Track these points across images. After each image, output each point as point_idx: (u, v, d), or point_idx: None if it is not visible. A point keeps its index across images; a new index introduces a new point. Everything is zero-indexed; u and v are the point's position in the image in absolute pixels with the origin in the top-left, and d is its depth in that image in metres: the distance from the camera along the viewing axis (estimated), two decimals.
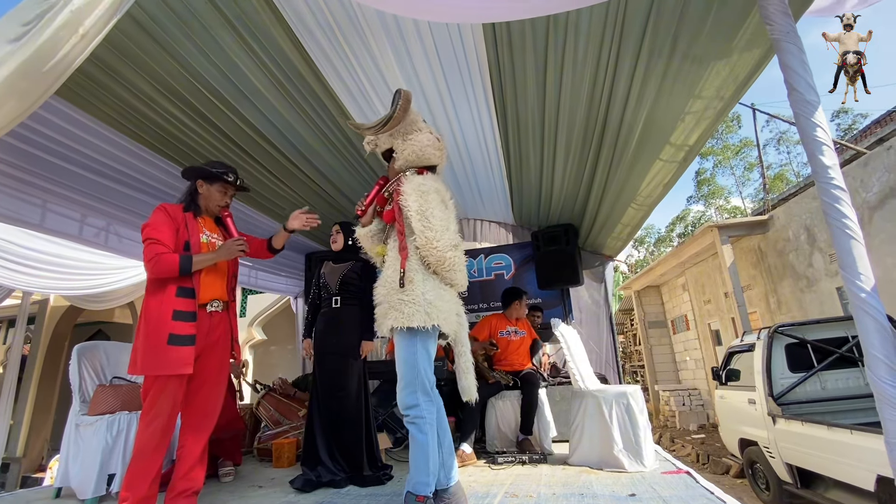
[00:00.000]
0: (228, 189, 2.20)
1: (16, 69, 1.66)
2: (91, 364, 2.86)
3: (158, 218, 2.00)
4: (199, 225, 2.11)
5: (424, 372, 1.78)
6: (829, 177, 1.10)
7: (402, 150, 1.95)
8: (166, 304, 1.92)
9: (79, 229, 2.95)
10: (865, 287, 1.07)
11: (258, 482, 2.65)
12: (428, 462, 1.71)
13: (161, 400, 1.89)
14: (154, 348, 1.86)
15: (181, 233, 2.02)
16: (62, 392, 7.92)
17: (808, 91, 1.18)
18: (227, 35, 2.14)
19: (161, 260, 1.90)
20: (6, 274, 4.38)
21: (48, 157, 2.47)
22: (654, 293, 13.44)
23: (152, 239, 1.94)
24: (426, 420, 1.74)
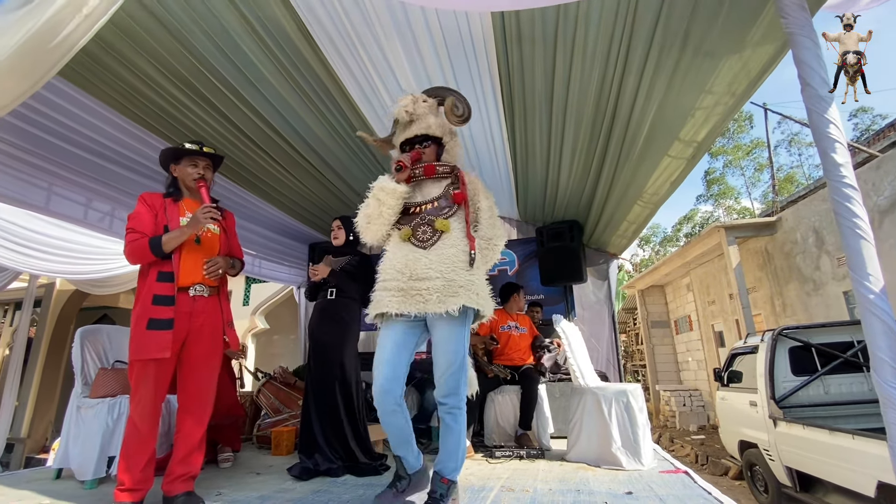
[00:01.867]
0: (197, 160, 2.15)
1: (18, 48, 1.66)
2: (94, 347, 2.88)
3: (137, 208, 2.02)
4: (179, 208, 2.09)
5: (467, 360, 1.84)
6: (841, 175, 1.07)
7: (452, 147, 2.01)
8: (148, 289, 1.94)
9: (84, 213, 2.96)
10: (874, 288, 1.04)
11: (256, 469, 2.66)
12: (459, 451, 1.77)
13: (143, 384, 1.90)
14: (136, 333, 1.88)
15: (160, 217, 2.02)
16: (66, 374, 8.01)
17: (822, 87, 1.14)
18: (234, 19, 2.12)
19: (134, 246, 1.94)
20: (13, 256, 4.41)
21: (53, 139, 2.47)
22: (658, 293, 13.38)
23: (129, 228, 1.98)
24: (462, 410, 1.78)
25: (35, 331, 7.80)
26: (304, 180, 3.66)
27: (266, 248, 4.58)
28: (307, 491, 2.15)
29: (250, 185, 3.62)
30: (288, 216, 4.27)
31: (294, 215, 4.30)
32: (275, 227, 4.51)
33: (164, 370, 1.93)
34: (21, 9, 1.68)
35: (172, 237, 1.96)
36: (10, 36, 1.63)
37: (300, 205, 4.13)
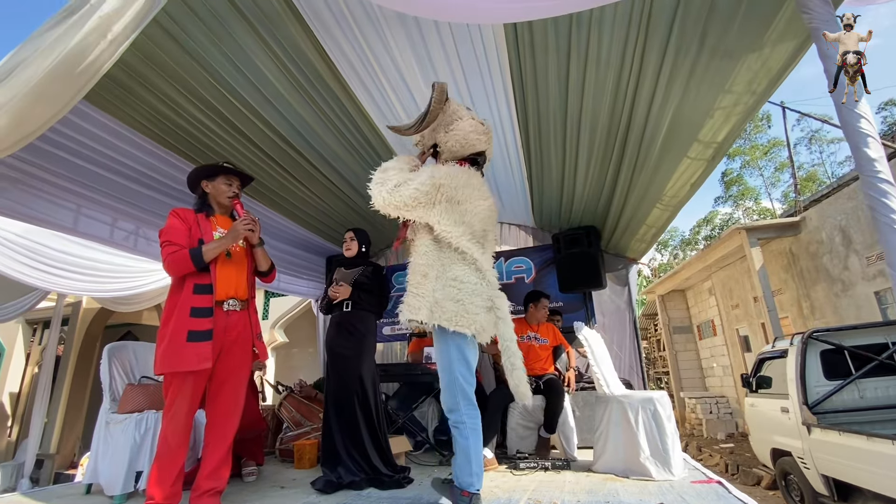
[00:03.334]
0: (232, 179, 2.25)
1: (47, 73, 1.72)
2: (121, 363, 2.93)
3: (171, 222, 2.07)
4: (211, 223, 2.16)
5: (462, 377, 1.78)
6: (876, 170, 1.03)
7: (445, 143, 1.93)
8: (184, 302, 1.97)
9: (110, 233, 3.04)
10: None
11: (280, 482, 2.66)
12: (470, 464, 1.74)
13: (180, 397, 1.92)
14: (174, 345, 1.89)
15: (194, 232, 2.08)
16: (94, 391, 8.18)
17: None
18: (251, 40, 2.17)
19: (174, 257, 1.97)
20: (42, 276, 4.55)
21: (81, 161, 2.55)
22: (679, 297, 13.12)
23: (166, 241, 2.02)
24: (466, 425, 1.76)
25: (63, 348, 8.01)
26: (320, 194, 3.71)
27: (284, 262, 4.64)
28: (333, 502, 2.13)
29: (269, 201, 3.68)
30: (305, 230, 4.33)
31: (311, 229, 4.35)
32: (293, 242, 4.56)
33: (200, 383, 1.96)
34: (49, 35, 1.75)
35: (212, 247, 2.01)
36: (39, 63, 1.70)
37: (317, 218, 4.18)
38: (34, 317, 8.27)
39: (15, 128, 1.78)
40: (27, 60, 1.73)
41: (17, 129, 1.78)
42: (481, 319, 1.78)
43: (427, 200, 1.81)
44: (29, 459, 5.61)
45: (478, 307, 1.78)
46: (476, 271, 1.82)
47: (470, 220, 1.84)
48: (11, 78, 1.74)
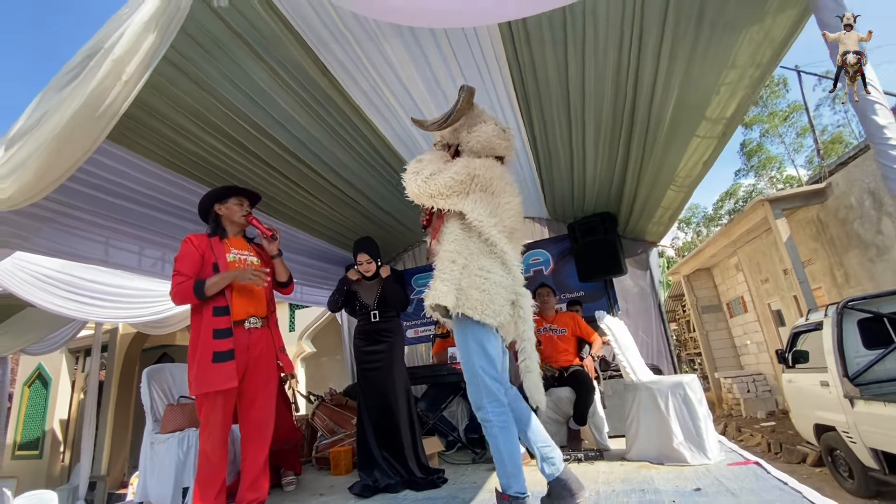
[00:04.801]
0: (242, 200, 2.35)
1: (69, 119, 1.81)
2: (159, 385, 3.07)
3: (183, 250, 2.17)
4: (225, 246, 2.24)
5: (483, 370, 1.72)
6: (886, 137, 1.01)
7: (467, 143, 1.93)
8: (206, 325, 2.05)
9: (138, 261, 3.17)
10: None
11: (319, 490, 2.74)
12: (504, 464, 1.70)
13: (213, 415, 2.01)
14: (202, 367, 1.99)
15: (207, 257, 2.16)
16: (136, 412, 8.51)
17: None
18: (255, 65, 2.24)
19: (179, 288, 2.08)
20: (79, 307, 4.77)
21: (106, 196, 2.67)
22: (705, 276, 12.81)
23: (176, 271, 2.12)
24: (493, 423, 1.71)
25: (104, 374, 8.35)
26: (333, 205, 3.78)
27: (306, 275, 4.74)
28: None
29: (286, 217, 3.77)
30: (322, 241, 4.41)
31: (328, 240, 4.44)
32: (312, 254, 4.66)
33: (230, 400, 2.04)
34: (69, 85, 1.84)
35: (213, 283, 2.08)
36: (62, 111, 1.79)
37: (332, 229, 4.26)
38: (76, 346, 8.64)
39: (46, 173, 1.89)
40: (52, 109, 1.84)
41: (47, 174, 1.89)
42: (506, 313, 1.75)
43: (461, 189, 1.81)
44: (83, 482, 5.88)
45: (504, 300, 1.75)
46: (502, 265, 1.78)
47: (501, 214, 1.82)
48: (39, 127, 1.85)
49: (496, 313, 1.71)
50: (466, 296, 1.70)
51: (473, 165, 1.83)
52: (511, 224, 1.88)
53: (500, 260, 1.78)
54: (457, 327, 1.79)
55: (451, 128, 1.95)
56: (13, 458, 8.68)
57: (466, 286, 1.72)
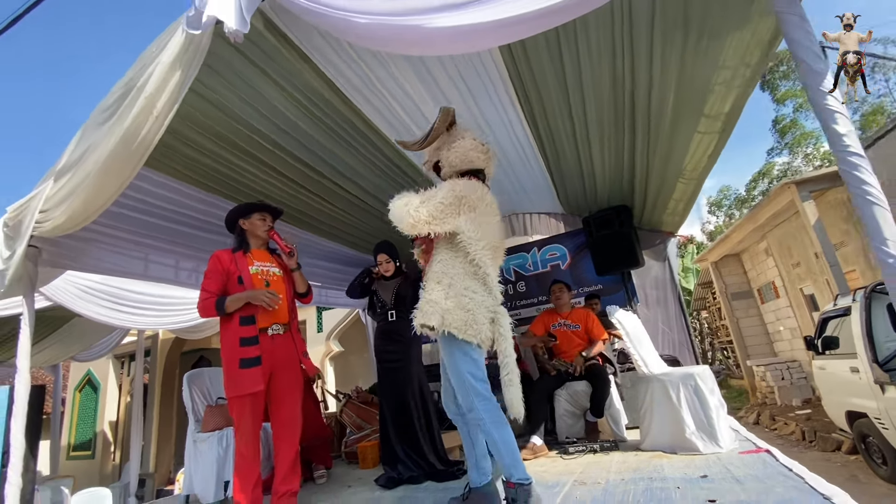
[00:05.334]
0: (265, 214, 2.51)
1: (111, 153, 2.01)
2: (199, 388, 3.30)
3: (209, 267, 2.36)
4: (248, 259, 2.41)
5: (472, 376, 1.85)
6: (845, 144, 1.06)
7: (446, 158, 2.06)
8: (233, 333, 2.23)
9: (175, 274, 3.41)
10: (893, 252, 1.03)
11: (348, 482, 2.91)
12: (503, 455, 1.80)
13: (243, 416, 2.19)
14: (230, 373, 2.17)
15: (232, 270, 2.34)
16: (179, 412, 8.98)
17: (816, 61, 1.13)
18: (275, 91, 2.40)
19: (204, 304, 2.28)
20: (122, 316, 5.11)
21: (143, 216, 2.90)
22: (734, 262, 12.49)
23: (202, 288, 2.31)
24: (486, 420, 1.82)
25: (148, 377, 8.84)
26: (350, 211, 3.94)
27: (329, 279, 4.94)
28: (394, 498, 2.35)
29: (307, 226, 3.96)
30: (342, 246, 4.59)
31: (347, 244, 4.62)
32: (333, 258, 4.85)
33: (258, 402, 2.22)
34: (106, 122, 2.05)
35: (232, 301, 2.26)
36: (103, 147, 2.00)
37: (351, 234, 4.42)
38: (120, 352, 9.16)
39: (92, 202, 2.10)
40: (93, 145, 2.04)
41: (93, 202, 2.11)
42: (486, 330, 1.87)
43: (452, 211, 1.91)
44: (133, 480, 6.29)
45: (484, 318, 1.86)
46: (483, 285, 1.90)
47: (486, 233, 1.93)
48: (83, 161, 2.06)
49: (478, 332, 1.83)
50: (452, 315, 1.82)
51: (458, 188, 1.93)
52: (494, 243, 1.99)
53: (482, 281, 1.90)
54: (443, 343, 1.90)
55: (432, 146, 2.08)
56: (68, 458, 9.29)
57: (453, 306, 1.83)
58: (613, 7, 1.83)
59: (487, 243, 1.93)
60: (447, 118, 2.02)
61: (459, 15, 1.37)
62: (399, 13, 1.44)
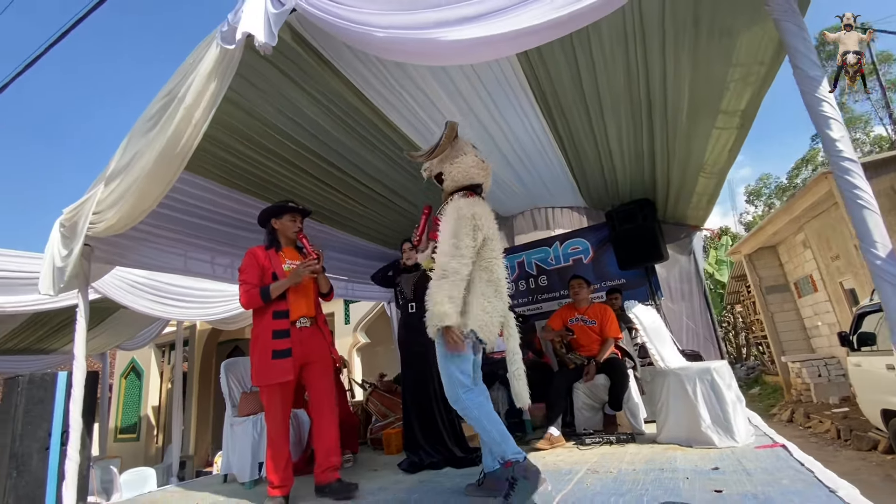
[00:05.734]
0: (296, 215, 2.64)
1: (155, 160, 2.19)
2: (235, 376, 3.53)
3: (245, 261, 2.51)
4: (280, 257, 2.57)
5: (460, 370, 1.99)
6: (838, 149, 1.08)
7: (449, 173, 2.20)
8: (267, 326, 2.38)
9: (211, 269, 3.64)
10: (881, 254, 1.05)
11: (373, 466, 3.08)
12: (494, 437, 1.92)
13: (273, 404, 2.36)
14: (262, 363, 2.33)
15: (266, 266, 2.49)
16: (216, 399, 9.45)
17: (812, 68, 1.15)
18: (298, 94, 2.53)
19: (248, 295, 2.41)
20: (163, 308, 5.45)
21: (182, 216, 3.12)
22: (770, 254, 12.05)
23: (242, 280, 2.46)
24: (470, 408, 1.97)
25: (187, 365, 9.33)
26: (374, 208, 4.08)
27: (355, 273, 5.12)
28: (415, 481, 2.49)
29: (334, 223, 4.13)
30: (368, 241, 4.75)
31: (372, 240, 4.77)
32: (359, 253, 5.02)
33: (287, 390, 2.39)
34: (150, 131, 2.23)
35: (277, 287, 2.41)
36: (148, 154, 2.18)
37: (376, 230, 4.57)
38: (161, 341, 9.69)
39: (139, 204, 2.30)
40: (139, 152, 2.23)
41: (140, 205, 2.30)
42: (496, 331, 2.03)
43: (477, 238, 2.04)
44: (174, 461, 6.70)
45: (496, 321, 2.03)
46: (496, 291, 2.05)
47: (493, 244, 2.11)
48: (131, 168, 2.26)
49: (491, 333, 2.00)
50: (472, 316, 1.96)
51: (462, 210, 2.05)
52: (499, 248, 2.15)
53: (494, 285, 2.05)
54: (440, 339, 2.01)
55: (437, 159, 2.21)
56: (115, 440, 9.93)
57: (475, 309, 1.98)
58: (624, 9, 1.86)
59: (497, 252, 2.10)
60: (452, 133, 2.16)
61: (472, 28, 1.44)
62: (415, 27, 1.53)
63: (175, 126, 2.06)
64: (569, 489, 1.96)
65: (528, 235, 5.52)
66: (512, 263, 5.58)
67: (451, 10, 1.47)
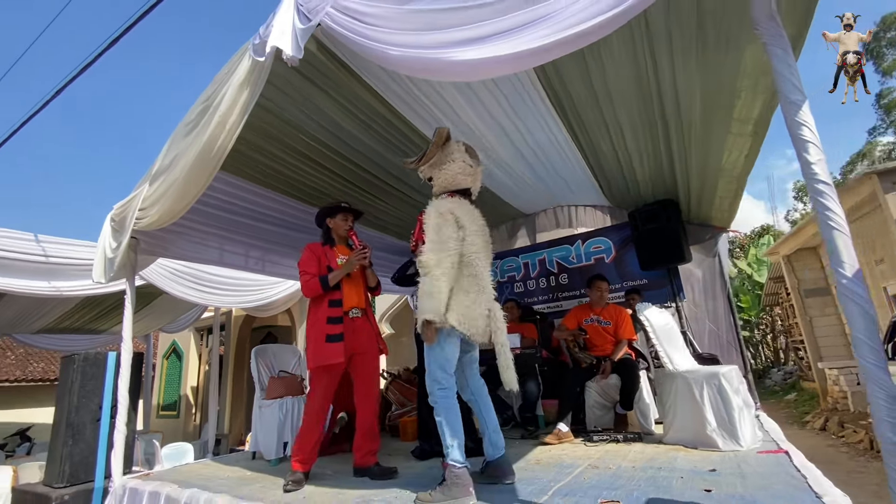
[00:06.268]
0: (347, 215, 2.84)
1: (193, 162, 2.40)
2: (264, 361, 3.78)
3: (305, 255, 2.71)
4: (334, 252, 2.77)
5: (440, 367, 2.09)
6: (814, 172, 1.12)
7: (437, 177, 2.34)
8: (322, 313, 2.58)
9: (245, 261, 3.90)
10: (848, 274, 1.10)
11: (388, 451, 3.25)
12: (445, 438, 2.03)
13: (320, 385, 2.55)
14: (316, 346, 2.52)
15: (322, 260, 2.70)
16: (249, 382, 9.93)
17: (794, 92, 1.18)
18: (324, 99, 2.70)
19: (309, 284, 2.61)
20: (201, 295, 5.82)
21: (218, 212, 3.36)
22: (810, 256, 11.54)
23: (303, 271, 2.66)
24: (439, 405, 2.08)
25: (223, 349, 9.85)
26: (394, 204, 4.23)
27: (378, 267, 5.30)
28: (425, 467, 2.65)
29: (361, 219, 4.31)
30: (389, 236, 4.92)
31: (393, 234, 4.93)
32: (382, 247, 5.20)
33: (334, 375, 2.57)
34: (189, 134, 2.44)
35: (335, 275, 2.62)
36: (187, 156, 2.39)
37: (396, 224, 4.73)
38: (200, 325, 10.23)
39: (179, 201, 2.52)
40: (180, 154, 2.45)
41: (180, 202, 2.53)
42: (480, 325, 2.10)
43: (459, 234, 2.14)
44: (210, 438, 7.16)
45: (479, 314, 2.09)
46: (478, 285, 2.12)
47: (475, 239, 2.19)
48: (172, 168, 2.48)
49: (472, 326, 2.07)
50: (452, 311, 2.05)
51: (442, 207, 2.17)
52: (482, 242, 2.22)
53: (476, 279, 2.12)
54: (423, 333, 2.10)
55: (428, 164, 2.32)
56: (157, 417, 10.61)
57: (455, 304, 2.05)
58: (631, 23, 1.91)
59: (478, 247, 2.17)
60: (440, 139, 2.27)
61: (479, 49, 1.54)
62: (425, 47, 1.64)
63: (211, 131, 2.26)
64: (566, 481, 2.05)
65: (551, 233, 5.54)
66: (533, 261, 5.63)
67: (459, 31, 1.57)
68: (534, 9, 1.44)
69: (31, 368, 12.41)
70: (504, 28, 1.52)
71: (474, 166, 2.36)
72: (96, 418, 3.10)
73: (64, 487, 2.84)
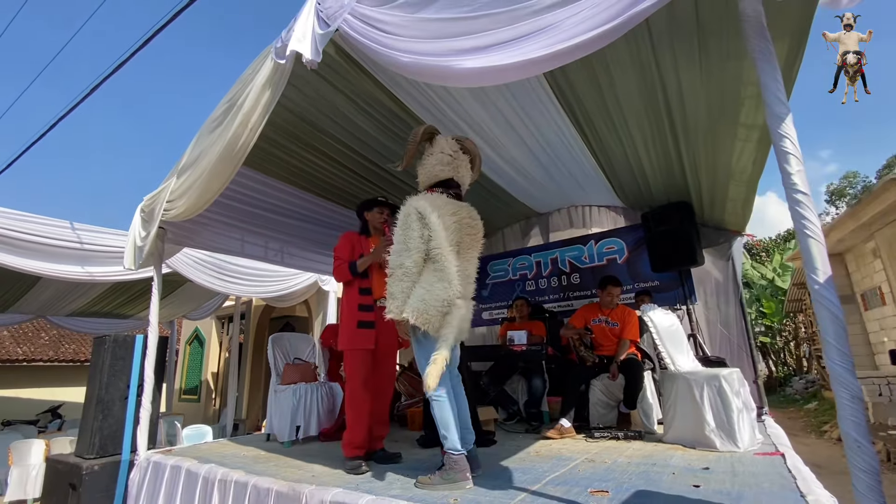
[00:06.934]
0: (383, 209, 2.96)
1: (217, 157, 2.55)
2: (280, 349, 3.95)
3: (340, 242, 2.84)
4: (368, 242, 2.89)
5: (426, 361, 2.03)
6: (793, 182, 1.17)
7: (419, 174, 2.37)
8: (353, 300, 2.70)
9: (264, 252, 4.07)
10: (820, 280, 1.15)
11: (396, 439, 3.37)
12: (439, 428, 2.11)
13: (357, 368, 2.63)
14: (348, 331, 2.64)
15: (356, 248, 2.81)
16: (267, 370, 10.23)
17: (778, 105, 1.22)
18: (349, 105, 2.83)
19: (340, 269, 2.74)
20: (223, 284, 6.05)
21: (240, 205, 3.53)
22: (836, 262, 11.22)
23: (336, 256, 2.79)
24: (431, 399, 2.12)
25: (243, 337, 10.18)
26: None
27: None
28: (428, 454, 2.76)
29: None
30: None
31: None
32: None
33: (367, 359, 2.66)
34: (214, 131, 2.58)
35: (364, 262, 2.73)
36: (212, 151, 2.54)
37: None
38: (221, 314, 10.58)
39: (204, 195, 2.68)
40: (205, 150, 2.60)
41: (205, 195, 2.69)
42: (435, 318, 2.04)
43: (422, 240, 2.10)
44: (229, 423, 7.44)
45: (435, 308, 2.03)
46: (440, 279, 2.07)
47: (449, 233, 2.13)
48: (198, 162, 2.64)
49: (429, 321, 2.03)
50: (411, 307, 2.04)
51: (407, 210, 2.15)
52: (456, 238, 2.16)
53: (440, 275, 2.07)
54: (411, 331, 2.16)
55: (408, 162, 2.32)
56: (179, 400, 11.02)
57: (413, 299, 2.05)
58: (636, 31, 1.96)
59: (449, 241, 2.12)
60: (416, 138, 2.29)
61: (485, 57, 1.63)
62: (434, 54, 1.73)
63: (234, 129, 2.40)
64: (561, 472, 2.13)
65: (565, 233, 5.57)
66: (545, 260, 5.68)
67: (466, 40, 1.66)
68: (536, 20, 1.51)
69: (63, 350, 13.03)
70: (508, 38, 1.60)
71: (454, 155, 2.30)
72: (124, 396, 3.30)
73: (94, 458, 3.05)
